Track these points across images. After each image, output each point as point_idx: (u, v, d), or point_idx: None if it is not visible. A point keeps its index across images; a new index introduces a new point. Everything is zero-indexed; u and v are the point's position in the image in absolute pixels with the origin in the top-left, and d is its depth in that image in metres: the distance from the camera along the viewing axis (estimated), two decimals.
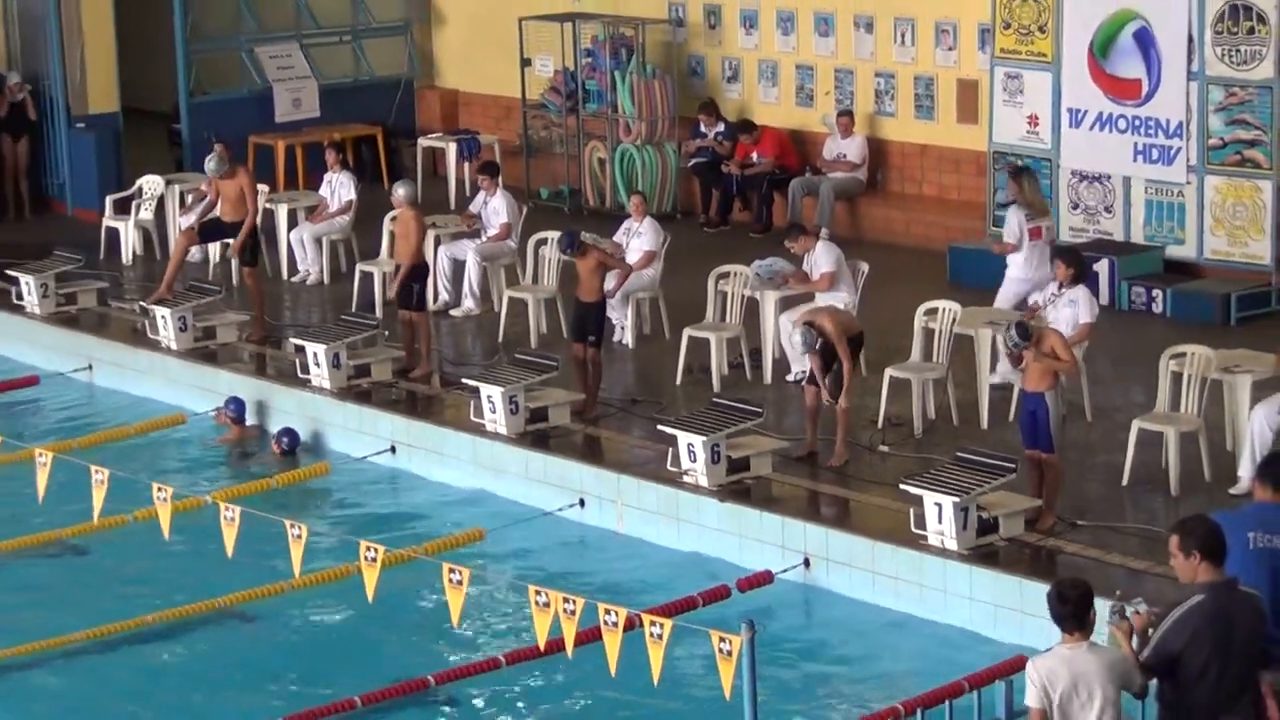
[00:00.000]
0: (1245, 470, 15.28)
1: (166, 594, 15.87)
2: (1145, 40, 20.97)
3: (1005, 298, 18.83)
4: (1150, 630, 9.96)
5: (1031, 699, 9.67)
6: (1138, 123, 21.17)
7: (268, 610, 15.61)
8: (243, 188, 20.72)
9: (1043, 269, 18.60)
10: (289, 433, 19.12)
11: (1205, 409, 16.23)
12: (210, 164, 20.92)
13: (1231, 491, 15.36)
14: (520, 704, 14.16)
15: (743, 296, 19.24)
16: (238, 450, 19.45)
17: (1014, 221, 19.04)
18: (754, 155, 24.41)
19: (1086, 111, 21.54)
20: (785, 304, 18.74)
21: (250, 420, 19.57)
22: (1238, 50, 20.31)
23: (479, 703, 14.18)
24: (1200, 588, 9.71)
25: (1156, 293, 20.53)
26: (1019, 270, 18.90)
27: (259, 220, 21.05)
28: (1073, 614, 9.71)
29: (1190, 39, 20.58)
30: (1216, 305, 20.11)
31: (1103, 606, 10.32)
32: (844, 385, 16.38)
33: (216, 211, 21.07)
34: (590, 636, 11.77)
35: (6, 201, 26.52)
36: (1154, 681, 9.96)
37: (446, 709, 14.10)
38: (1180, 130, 20.84)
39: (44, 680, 14.69)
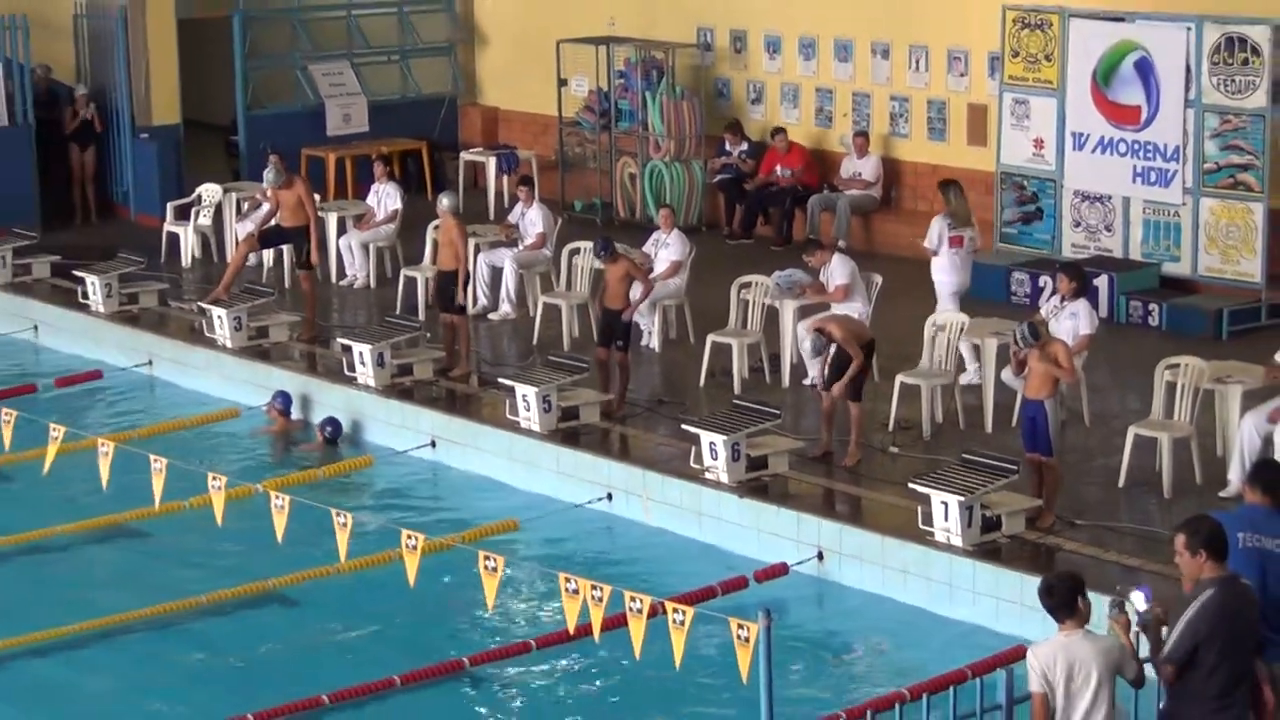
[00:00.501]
0: (1235, 474, 15.27)
1: (219, 576, 15.87)
2: (1145, 69, 20.94)
3: (941, 298, 18.90)
4: (1164, 627, 9.95)
5: (1033, 684, 9.67)
6: (1137, 147, 21.13)
7: (314, 593, 15.62)
8: (300, 196, 20.77)
9: (965, 272, 18.96)
10: (332, 422, 19.15)
11: (1197, 417, 16.19)
12: (268, 175, 20.95)
13: (1221, 495, 15.32)
14: (549, 685, 14.16)
15: (763, 305, 19.25)
16: (282, 441, 19.48)
17: (936, 229, 19.13)
18: (778, 168, 24.42)
19: (1089, 135, 21.51)
20: (803, 313, 18.72)
21: (296, 414, 19.61)
22: (1233, 80, 20.27)
23: (511, 683, 14.18)
24: (1210, 583, 9.71)
25: (1153, 307, 20.49)
26: (942, 274, 18.96)
27: (317, 224, 21.23)
28: (1061, 604, 9.74)
29: (1188, 69, 20.55)
30: (1209, 319, 20.06)
31: (1100, 605, 10.33)
32: (850, 377, 16.34)
33: (276, 219, 21.13)
34: (616, 622, 11.76)
35: (74, 207, 26.61)
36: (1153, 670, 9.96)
37: (480, 689, 14.09)
38: (1177, 154, 20.81)
39: (104, 655, 14.72)
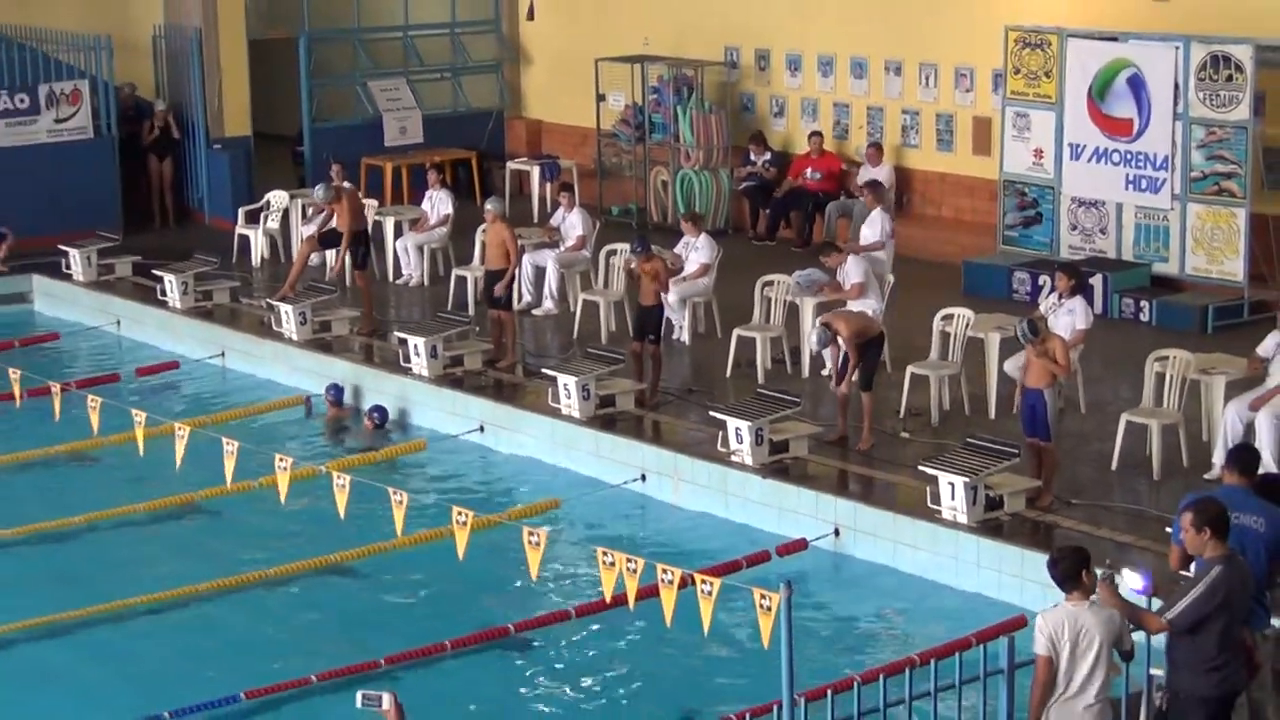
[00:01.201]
0: (1219, 458, 15.22)
1: (285, 550, 15.94)
2: (1137, 85, 20.87)
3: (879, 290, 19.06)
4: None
5: (1039, 647, 9.63)
6: (1129, 156, 21.07)
7: (372, 566, 15.66)
8: (349, 206, 20.88)
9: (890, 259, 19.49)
10: (379, 409, 19.20)
11: (1185, 405, 16.16)
12: (318, 192, 21.16)
13: (1206, 477, 15.28)
14: (588, 649, 14.18)
15: (785, 302, 19.24)
16: (334, 425, 19.52)
17: (882, 221, 19.47)
18: (808, 171, 24.39)
19: (1085, 146, 21.44)
20: (821, 309, 18.69)
21: (350, 401, 19.66)
22: (1217, 95, 20.19)
23: (552, 648, 14.20)
24: (1216, 561, 9.68)
25: (1144, 303, 20.43)
26: (881, 266, 19.07)
27: (367, 228, 21.47)
28: (1068, 576, 9.67)
29: (1176, 85, 20.48)
30: (1196, 315, 19.99)
31: None
32: (850, 372, 16.34)
33: (333, 224, 21.19)
34: (649, 592, 11.75)
35: (154, 212, 26.67)
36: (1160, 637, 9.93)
37: (524, 653, 14.12)
38: (1166, 163, 20.74)
39: (177, 623, 14.78)
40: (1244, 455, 10.76)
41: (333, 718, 12.53)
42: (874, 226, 19.73)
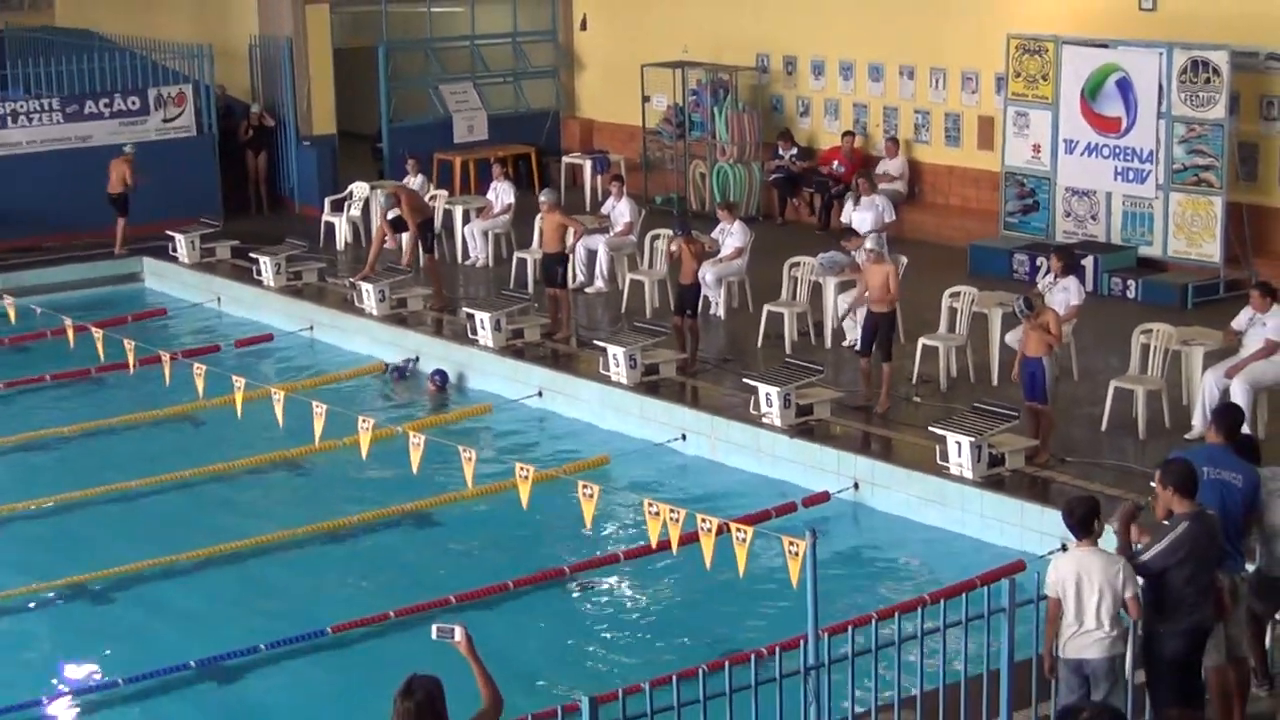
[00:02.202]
0: (1198, 420, 15.19)
1: (367, 500, 15.99)
2: (1125, 87, 20.75)
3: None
4: (1135, 523, 9.85)
5: (1047, 589, 9.55)
6: (1118, 150, 20.95)
7: (445, 514, 15.71)
8: (408, 203, 21.05)
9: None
10: (440, 373, 19.24)
11: (1167, 373, 16.09)
12: (381, 199, 21.34)
13: (1186, 437, 15.20)
14: (635, 589, 14.21)
15: (809, 281, 19.20)
16: (402, 388, 19.54)
17: (883, 206, 19.58)
18: (835, 163, 24.32)
19: (1078, 141, 21.33)
20: (842, 287, 18.68)
21: (416, 370, 19.71)
22: (1197, 95, 20.06)
23: (604, 588, 14.24)
24: (1184, 517, 9.59)
25: (1130, 282, 20.33)
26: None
27: (432, 218, 21.67)
28: (1080, 523, 9.53)
29: (1160, 86, 20.35)
30: (1177, 293, 19.88)
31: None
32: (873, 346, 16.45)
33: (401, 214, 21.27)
34: (690, 539, 11.80)
35: (249, 201, 26.74)
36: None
37: (579, 592, 14.16)
38: (1151, 157, 20.62)
39: (272, 566, 14.86)
40: (1229, 417, 10.67)
41: (409, 649, 12.58)
42: (872, 212, 19.60)
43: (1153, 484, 10.08)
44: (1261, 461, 10.56)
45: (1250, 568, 10.40)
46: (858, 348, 16.95)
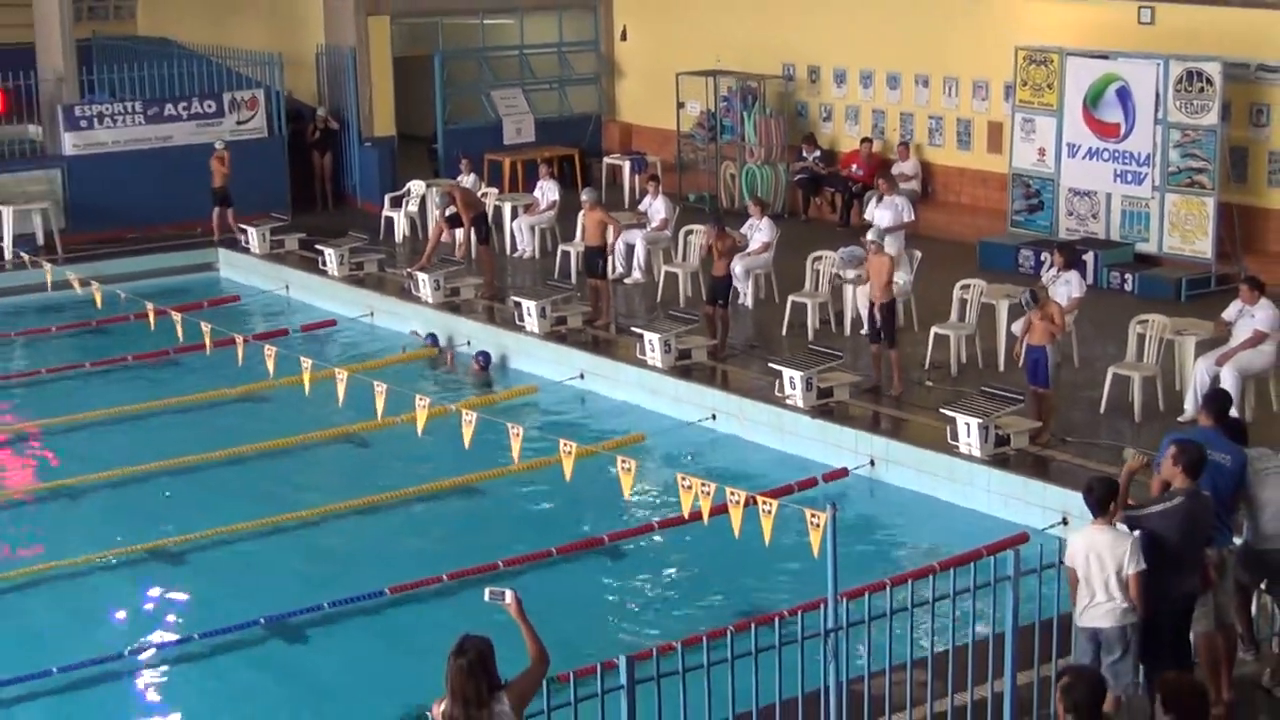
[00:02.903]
0: (1189, 404, 15.13)
1: (422, 473, 16.02)
2: (1124, 95, 20.66)
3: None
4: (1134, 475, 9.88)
5: (1068, 560, 9.54)
6: (1117, 154, 20.86)
7: (493, 487, 15.74)
8: (462, 199, 21.01)
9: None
10: (483, 354, 19.27)
11: (1161, 360, 16.03)
12: (437, 198, 21.44)
13: (1179, 420, 15.16)
14: (669, 556, 14.22)
15: (830, 274, 19.17)
16: (444, 368, 19.56)
17: (902, 206, 19.38)
18: (854, 166, 24.26)
19: (1080, 146, 21.24)
20: (860, 279, 18.63)
21: (462, 353, 19.73)
22: (1192, 103, 19.96)
23: (640, 555, 14.26)
24: (1180, 493, 9.57)
25: (1128, 276, 20.24)
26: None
27: (485, 213, 21.54)
28: (1098, 502, 9.47)
29: (1157, 95, 20.27)
30: (1171, 286, 19.79)
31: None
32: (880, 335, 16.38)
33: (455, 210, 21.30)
34: (719, 510, 11.79)
35: (316, 197, 26.78)
36: None
37: (616, 559, 14.18)
38: (1148, 160, 20.53)
39: (335, 533, 14.93)
40: (1218, 401, 10.62)
41: (461, 610, 12.62)
42: (891, 210, 19.47)
43: (1152, 462, 10.05)
44: (1248, 443, 10.52)
45: (1238, 541, 10.37)
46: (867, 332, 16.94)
